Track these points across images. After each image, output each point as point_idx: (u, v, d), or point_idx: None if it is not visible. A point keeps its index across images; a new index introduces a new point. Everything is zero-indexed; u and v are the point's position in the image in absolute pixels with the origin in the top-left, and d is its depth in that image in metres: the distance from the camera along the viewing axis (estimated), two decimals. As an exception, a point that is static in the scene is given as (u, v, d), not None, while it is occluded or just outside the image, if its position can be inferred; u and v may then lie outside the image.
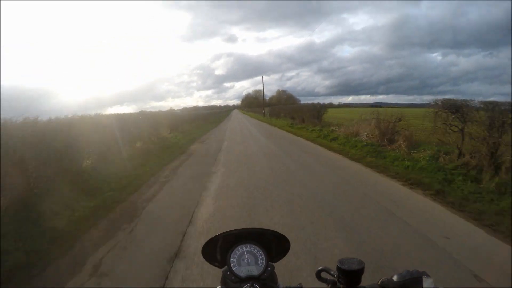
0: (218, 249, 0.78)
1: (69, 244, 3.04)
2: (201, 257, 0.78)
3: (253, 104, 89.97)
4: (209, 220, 3.54)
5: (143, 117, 10.97)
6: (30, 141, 4.22)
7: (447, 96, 6.81)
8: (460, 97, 6.51)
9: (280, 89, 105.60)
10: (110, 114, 8.77)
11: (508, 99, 5.03)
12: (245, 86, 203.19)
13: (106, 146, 6.89)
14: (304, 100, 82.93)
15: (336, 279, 0.65)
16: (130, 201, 4.46)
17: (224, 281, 0.72)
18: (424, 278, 0.58)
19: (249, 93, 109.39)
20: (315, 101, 29.61)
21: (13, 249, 2.79)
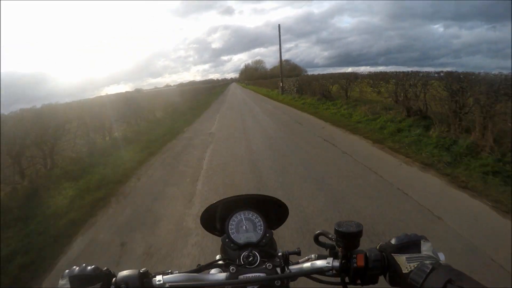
0: (216, 217, 0.77)
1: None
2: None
3: (254, 76, 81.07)
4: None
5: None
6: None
7: (448, 69, 6.67)
8: (461, 70, 6.48)
9: (283, 59, 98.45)
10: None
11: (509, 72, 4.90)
12: (243, 59, 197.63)
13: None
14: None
15: (334, 243, 0.64)
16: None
17: (223, 249, 0.75)
18: (422, 242, 0.58)
19: (248, 64, 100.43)
20: (315, 72, 26.70)
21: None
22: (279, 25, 22.79)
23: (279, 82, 22.59)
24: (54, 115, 6.26)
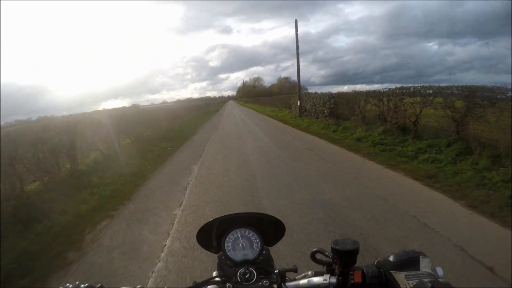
0: (213, 235, 0.77)
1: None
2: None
3: (252, 93, 76.56)
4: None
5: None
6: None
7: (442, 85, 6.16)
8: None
9: (282, 76, 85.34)
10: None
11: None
12: (240, 77, 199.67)
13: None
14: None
15: (331, 260, 0.64)
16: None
17: (220, 266, 0.73)
18: (421, 258, 0.58)
19: (246, 81, 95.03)
20: (312, 91, 23.54)
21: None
22: (295, 20, 16.42)
23: (295, 100, 16.54)
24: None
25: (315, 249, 0.68)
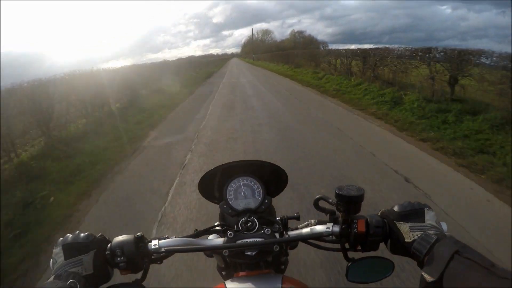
0: (215, 184, 0.76)
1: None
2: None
3: (260, 48, 66.06)
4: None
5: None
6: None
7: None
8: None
9: (295, 30, 76.77)
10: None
11: None
12: (244, 34, 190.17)
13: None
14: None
15: (335, 207, 0.63)
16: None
17: (222, 216, 0.75)
18: (426, 211, 0.57)
19: (253, 35, 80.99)
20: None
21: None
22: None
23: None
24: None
25: (318, 196, 0.67)
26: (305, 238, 0.63)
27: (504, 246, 1.98)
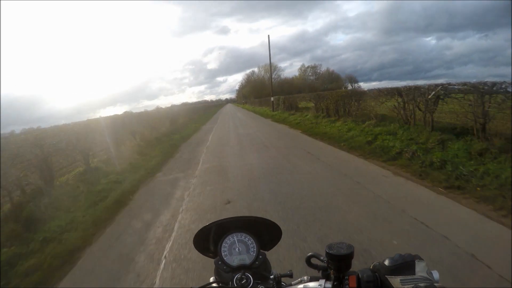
0: (210, 240, 0.78)
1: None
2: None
3: (261, 90, 46.91)
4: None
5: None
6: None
7: (440, 80, 6.55)
8: (453, 80, 6.48)
9: (306, 65, 58.03)
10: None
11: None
12: (238, 80, 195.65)
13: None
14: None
15: (326, 265, 0.65)
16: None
17: (217, 271, 0.75)
18: (416, 262, 0.57)
19: (253, 72, 62.90)
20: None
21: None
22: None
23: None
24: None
25: (310, 253, 0.69)
26: None
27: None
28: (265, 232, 0.78)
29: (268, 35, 18.55)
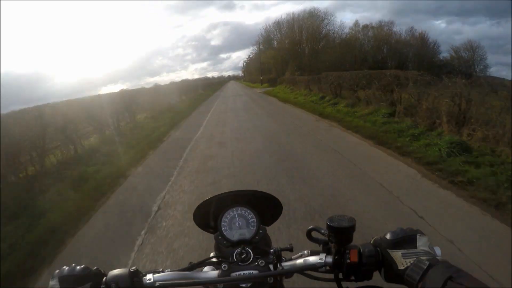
0: (210, 214, 0.79)
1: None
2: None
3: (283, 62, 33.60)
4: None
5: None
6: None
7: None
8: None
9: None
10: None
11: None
12: (241, 57, 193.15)
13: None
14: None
15: (327, 238, 0.66)
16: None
17: (217, 246, 0.76)
18: (418, 236, 0.59)
19: (279, 20, 41.72)
20: None
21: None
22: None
23: None
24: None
25: (310, 227, 0.70)
26: (299, 270, 0.66)
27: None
28: (265, 207, 0.80)
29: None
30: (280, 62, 35.29)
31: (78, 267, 0.61)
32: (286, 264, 0.68)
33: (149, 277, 0.63)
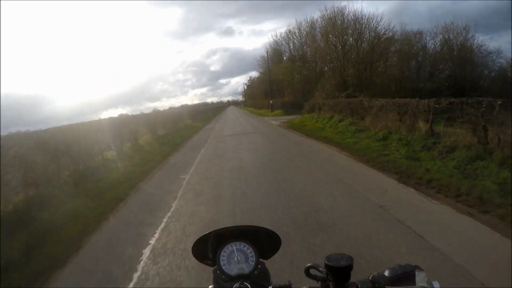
0: (208, 248, 0.79)
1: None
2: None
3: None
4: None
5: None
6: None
7: None
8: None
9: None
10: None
11: None
12: (240, 82, 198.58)
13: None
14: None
15: (325, 276, 0.66)
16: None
17: (215, 280, 0.75)
18: (416, 273, 0.58)
19: (276, 35, 39.64)
20: None
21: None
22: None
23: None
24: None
25: (309, 264, 0.70)
26: None
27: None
28: (264, 241, 0.80)
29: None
30: (302, 79, 24.93)
31: None
32: None
33: None
